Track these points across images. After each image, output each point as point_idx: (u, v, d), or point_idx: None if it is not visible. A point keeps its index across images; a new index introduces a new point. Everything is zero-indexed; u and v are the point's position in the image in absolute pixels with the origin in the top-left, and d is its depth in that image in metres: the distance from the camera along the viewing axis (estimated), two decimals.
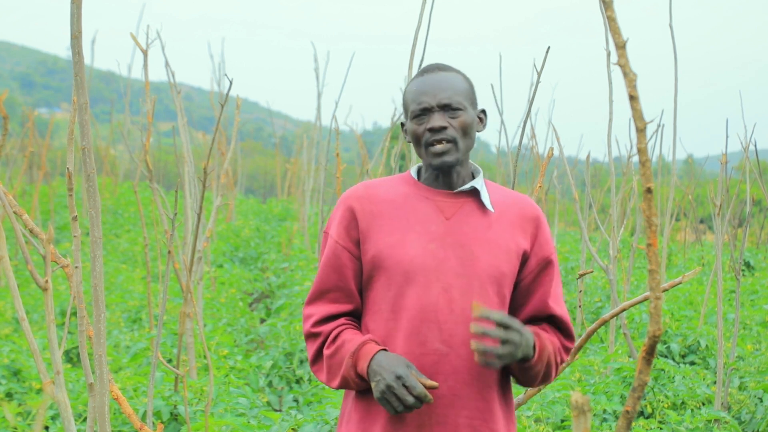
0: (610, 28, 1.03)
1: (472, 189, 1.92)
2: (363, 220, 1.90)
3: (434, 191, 1.92)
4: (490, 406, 1.84)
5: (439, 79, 1.92)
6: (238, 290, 8.46)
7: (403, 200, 1.92)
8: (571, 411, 2.04)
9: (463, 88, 1.93)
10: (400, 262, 1.84)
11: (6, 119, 2.54)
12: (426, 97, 1.89)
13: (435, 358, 1.82)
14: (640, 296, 2.01)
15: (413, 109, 1.91)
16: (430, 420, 1.81)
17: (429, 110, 1.89)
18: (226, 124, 13.56)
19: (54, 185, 13.58)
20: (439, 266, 1.84)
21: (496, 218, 1.91)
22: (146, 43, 4.39)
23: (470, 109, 1.92)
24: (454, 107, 1.89)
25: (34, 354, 2.10)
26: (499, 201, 1.94)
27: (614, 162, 6.24)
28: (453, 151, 1.88)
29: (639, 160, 1.02)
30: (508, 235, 1.89)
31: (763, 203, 14.03)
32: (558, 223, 12.98)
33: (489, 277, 1.85)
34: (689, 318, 6.30)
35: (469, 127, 1.90)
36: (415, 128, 1.91)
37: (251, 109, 67.39)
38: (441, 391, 1.81)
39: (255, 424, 3.59)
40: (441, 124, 1.87)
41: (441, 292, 1.83)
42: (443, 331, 1.82)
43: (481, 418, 1.83)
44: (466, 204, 1.91)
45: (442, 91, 1.89)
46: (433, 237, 1.86)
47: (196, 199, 4.51)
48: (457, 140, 1.88)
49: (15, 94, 50.25)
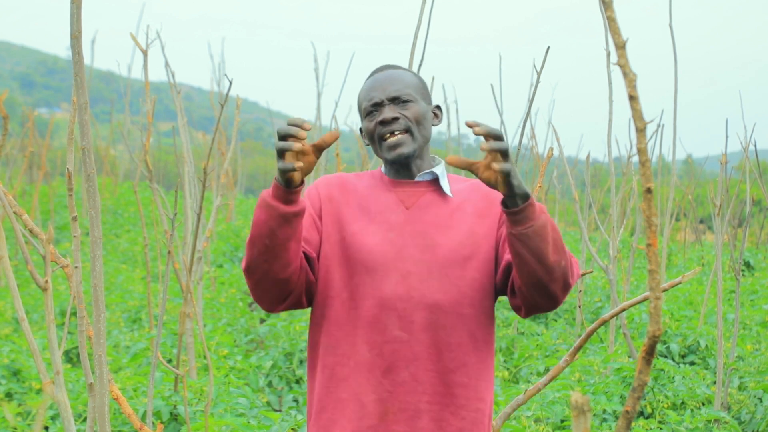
0: (610, 28, 1.03)
1: (432, 178, 1.94)
2: (327, 204, 1.93)
3: (396, 182, 1.94)
4: (452, 391, 1.84)
5: (387, 75, 1.94)
6: (238, 290, 8.45)
7: (368, 192, 1.94)
8: (570, 411, 2.04)
9: (413, 82, 1.95)
10: (360, 251, 1.86)
11: (6, 119, 2.54)
12: (376, 93, 1.92)
13: (395, 345, 1.82)
14: (640, 296, 2.01)
15: (365, 107, 1.93)
16: (393, 407, 1.82)
17: (380, 105, 1.91)
18: (226, 124, 13.56)
19: (54, 185, 13.58)
20: (398, 254, 1.84)
21: (458, 204, 1.91)
22: (146, 43, 4.39)
23: (422, 102, 1.94)
24: (404, 99, 1.90)
25: (34, 354, 2.10)
26: (462, 188, 1.95)
27: (614, 162, 6.24)
28: (408, 142, 1.89)
29: (639, 160, 1.02)
30: (471, 219, 1.89)
31: (763, 203, 14.03)
32: (558, 223, 12.98)
33: (450, 262, 1.85)
34: (689, 318, 6.30)
35: (422, 118, 1.91)
36: (368, 125, 1.92)
37: (251, 109, 67.36)
38: (402, 378, 1.82)
39: (255, 424, 3.59)
40: (392, 116, 1.88)
41: (399, 280, 1.83)
42: (402, 318, 1.82)
43: (442, 403, 1.83)
44: (426, 193, 1.93)
45: (391, 85, 1.92)
46: (392, 226, 1.88)
47: (196, 199, 4.51)
48: (411, 129, 1.89)
49: (15, 94, 50.24)
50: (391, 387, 1.82)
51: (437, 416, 1.83)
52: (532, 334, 6.66)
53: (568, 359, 2.19)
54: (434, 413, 1.83)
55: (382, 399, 1.82)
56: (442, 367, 1.83)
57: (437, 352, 1.83)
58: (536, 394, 3.17)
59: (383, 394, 1.82)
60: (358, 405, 1.83)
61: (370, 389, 1.83)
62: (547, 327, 7.09)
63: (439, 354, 1.83)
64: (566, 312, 7.51)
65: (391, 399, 1.82)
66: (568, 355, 2.19)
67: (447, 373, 1.84)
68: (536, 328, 6.78)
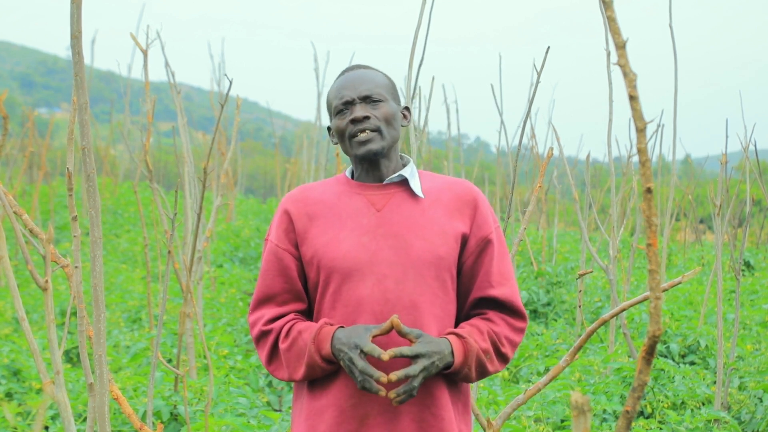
0: (610, 28, 1.03)
1: (402, 179, 1.95)
2: (299, 222, 1.93)
3: (365, 186, 1.94)
4: (433, 393, 1.85)
5: (358, 74, 1.96)
6: (237, 290, 8.45)
7: (336, 199, 1.94)
8: (571, 411, 2.04)
9: (383, 82, 1.97)
10: (334, 259, 1.86)
11: (6, 119, 2.54)
12: (347, 91, 1.93)
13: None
14: (640, 296, 2.01)
15: (336, 105, 1.94)
16: (373, 410, 1.82)
17: (350, 103, 1.92)
18: (226, 124, 13.56)
19: (54, 185, 13.58)
20: (372, 258, 1.85)
21: (429, 204, 1.92)
22: (146, 43, 4.39)
23: (392, 102, 1.96)
24: (374, 99, 1.92)
25: (34, 354, 2.10)
26: (433, 187, 1.96)
27: (614, 162, 6.24)
28: (378, 140, 1.90)
29: (639, 160, 1.02)
30: (443, 219, 1.90)
31: (763, 203, 14.03)
32: (558, 223, 12.98)
33: (425, 263, 1.85)
34: (689, 318, 6.30)
35: (392, 118, 1.93)
36: (339, 123, 1.94)
37: (251, 109, 67.38)
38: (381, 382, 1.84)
39: (255, 424, 3.59)
40: (363, 114, 1.90)
41: (375, 283, 1.84)
42: (380, 321, 1.83)
43: (422, 405, 1.84)
44: (396, 194, 1.93)
45: (362, 84, 1.93)
46: (365, 230, 1.88)
47: (196, 199, 4.51)
48: (381, 129, 1.91)
49: (15, 94, 50.25)
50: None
51: (417, 417, 1.84)
52: (532, 334, 6.66)
53: (568, 359, 2.19)
54: (414, 414, 1.83)
55: (361, 403, 1.83)
56: None
57: None
58: (536, 394, 3.18)
59: (363, 397, 1.83)
60: (337, 411, 1.84)
61: (349, 394, 1.83)
62: (547, 327, 7.09)
63: None
64: (566, 312, 7.51)
65: (370, 403, 1.83)
66: (568, 354, 2.19)
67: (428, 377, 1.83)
68: (536, 328, 6.78)
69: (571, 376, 4.72)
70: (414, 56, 3.05)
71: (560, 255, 10.04)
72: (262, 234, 12.77)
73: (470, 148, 31.27)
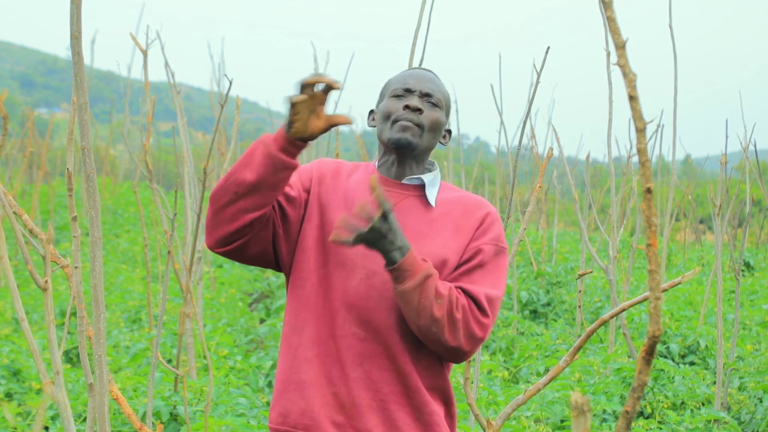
0: (609, 28, 1.03)
1: (420, 183, 1.95)
2: (317, 185, 1.95)
3: (384, 180, 1.95)
4: (409, 393, 1.84)
5: (427, 74, 1.99)
6: (237, 290, 8.46)
7: (356, 185, 1.95)
8: (570, 411, 2.04)
9: (445, 94, 1.99)
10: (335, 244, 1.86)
11: (6, 119, 2.54)
12: (413, 81, 1.94)
13: (351, 341, 1.84)
14: (639, 296, 2.01)
15: (395, 88, 1.95)
16: (347, 402, 1.83)
17: (411, 92, 1.93)
18: (226, 124, 13.55)
19: (54, 185, 13.58)
20: (368, 253, 1.84)
21: (438, 216, 1.91)
22: (146, 43, 4.39)
23: (444, 114, 1.97)
24: (434, 101, 1.94)
25: (34, 354, 2.10)
26: (448, 199, 1.95)
27: (614, 162, 6.24)
28: (416, 135, 1.90)
29: (639, 160, 1.02)
30: (448, 233, 1.89)
31: (762, 203, 14.03)
32: (558, 223, 12.98)
33: None
34: (689, 318, 6.30)
35: (438, 126, 1.94)
36: (391, 104, 1.93)
37: (251, 109, 67.31)
38: (357, 374, 1.83)
39: (255, 424, 3.59)
40: (419, 106, 1.90)
41: (363, 279, 1.85)
42: (361, 316, 1.84)
43: (396, 402, 1.84)
44: (410, 197, 1.93)
45: (429, 83, 1.95)
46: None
47: (196, 199, 4.51)
48: (424, 128, 1.91)
49: (15, 94, 50.26)
50: (345, 382, 1.83)
51: (392, 416, 1.84)
52: (532, 334, 6.66)
53: (567, 359, 2.19)
54: (390, 412, 1.84)
55: (337, 392, 1.84)
56: (397, 368, 1.84)
57: (391, 354, 1.84)
58: (536, 394, 3.17)
59: (339, 387, 1.83)
60: (317, 390, 1.84)
61: (327, 381, 1.84)
62: (547, 327, 7.10)
63: (393, 356, 1.84)
64: (566, 312, 7.52)
65: (346, 393, 1.83)
66: (568, 355, 2.19)
67: (403, 375, 1.84)
68: (536, 328, 6.78)
69: (570, 377, 4.72)
70: (414, 56, 3.05)
71: (560, 255, 10.05)
72: None
73: (470, 148, 31.30)
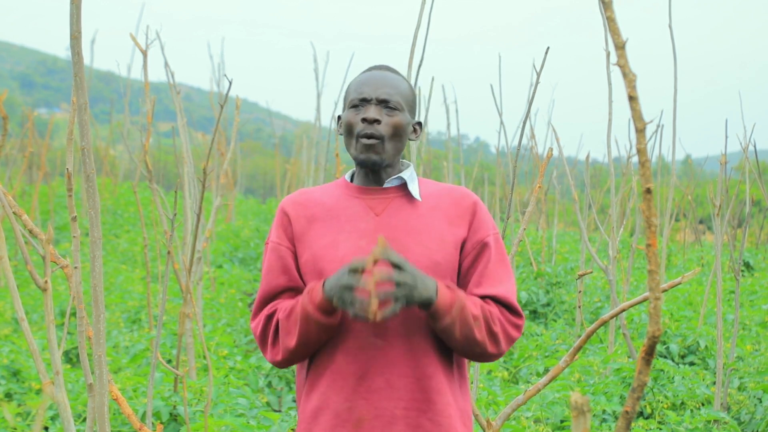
0: (609, 28, 1.03)
1: (401, 183, 1.94)
2: (297, 223, 1.93)
3: (364, 189, 1.94)
4: (428, 397, 1.83)
5: (384, 76, 1.94)
6: (237, 290, 8.46)
7: (335, 202, 1.94)
8: (570, 411, 2.04)
9: (405, 92, 1.95)
10: (332, 262, 1.85)
11: (6, 119, 2.54)
12: (367, 89, 1.91)
13: (370, 351, 1.82)
14: (639, 297, 2.01)
15: (352, 98, 1.93)
16: (368, 414, 1.82)
17: (367, 101, 1.91)
18: (225, 124, 13.56)
19: (53, 185, 13.58)
20: None
21: (427, 210, 1.91)
22: (146, 43, 4.39)
23: (407, 113, 1.94)
24: (391, 105, 1.90)
25: (34, 354, 2.10)
26: (432, 193, 1.95)
27: (614, 162, 6.24)
28: (379, 150, 1.89)
29: (638, 160, 1.02)
30: (441, 225, 1.89)
31: (762, 203, 14.03)
32: (557, 224, 12.98)
33: (422, 267, 1.84)
34: (688, 318, 6.31)
35: (401, 129, 1.91)
36: (350, 117, 1.92)
37: (251, 109, 67.33)
38: (377, 384, 1.82)
39: (254, 424, 3.59)
40: (375, 117, 1.88)
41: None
42: (377, 325, 1.82)
43: (420, 409, 1.83)
44: (395, 199, 1.93)
45: (384, 87, 1.91)
46: (362, 234, 1.87)
47: (196, 199, 4.51)
48: (384, 139, 1.89)
49: (15, 94, 50.25)
50: (366, 394, 1.81)
51: (414, 422, 1.82)
52: (531, 334, 6.66)
53: (567, 359, 2.19)
54: (411, 419, 1.82)
55: (356, 406, 1.82)
56: (419, 373, 1.83)
57: (413, 358, 1.83)
58: (536, 395, 3.18)
59: (358, 401, 1.82)
60: (331, 414, 1.83)
61: (344, 397, 1.82)
62: (547, 327, 7.10)
63: (416, 360, 1.83)
64: (566, 312, 7.51)
65: (366, 406, 1.82)
66: (567, 355, 2.19)
67: (424, 379, 1.83)
68: (536, 328, 6.78)
69: (570, 377, 4.72)
70: (414, 56, 3.05)
71: (560, 255, 10.05)
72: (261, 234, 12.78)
73: (470, 148, 31.30)
